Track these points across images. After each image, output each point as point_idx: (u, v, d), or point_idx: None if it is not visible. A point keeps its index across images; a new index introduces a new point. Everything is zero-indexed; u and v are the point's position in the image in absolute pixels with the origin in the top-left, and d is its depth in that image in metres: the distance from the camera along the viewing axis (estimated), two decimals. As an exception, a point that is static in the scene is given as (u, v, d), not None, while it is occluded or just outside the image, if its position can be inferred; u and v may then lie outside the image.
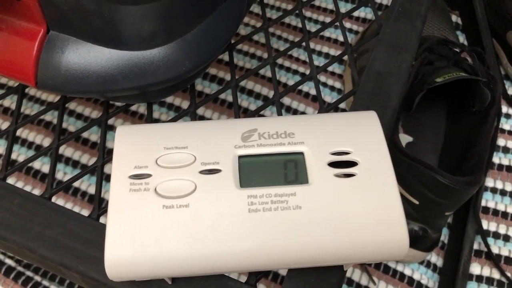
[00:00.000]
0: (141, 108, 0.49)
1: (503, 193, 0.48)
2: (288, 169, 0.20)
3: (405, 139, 0.47)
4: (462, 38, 0.56)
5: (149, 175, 0.20)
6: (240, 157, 0.20)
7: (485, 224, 0.46)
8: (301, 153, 0.20)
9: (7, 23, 0.23)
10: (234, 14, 0.26)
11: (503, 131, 0.52)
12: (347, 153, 0.20)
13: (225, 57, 0.53)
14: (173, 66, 0.24)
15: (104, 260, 0.19)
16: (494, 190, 0.48)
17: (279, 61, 0.53)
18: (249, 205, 0.19)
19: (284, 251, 0.19)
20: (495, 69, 0.52)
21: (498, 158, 0.50)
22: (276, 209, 0.19)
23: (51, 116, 0.48)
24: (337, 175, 0.20)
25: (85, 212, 0.43)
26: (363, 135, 0.21)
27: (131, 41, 0.22)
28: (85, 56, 0.22)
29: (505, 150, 0.51)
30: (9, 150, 0.25)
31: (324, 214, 0.19)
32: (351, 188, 0.20)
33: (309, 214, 0.19)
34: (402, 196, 0.39)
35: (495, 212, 0.47)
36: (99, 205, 0.24)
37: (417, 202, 0.38)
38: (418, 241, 0.40)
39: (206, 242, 0.19)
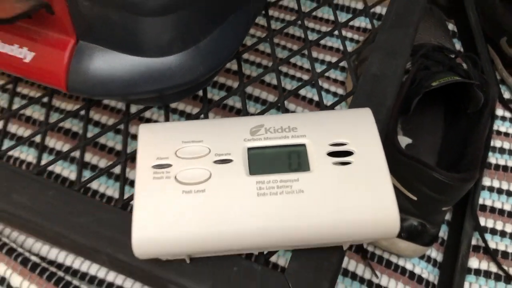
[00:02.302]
0: (155, 115, 0.52)
1: (499, 191, 0.50)
2: (291, 159, 0.23)
3: (405, 141, 0.49)
4: (458, 45, 0.58)
5: (169, 165, 0.22)
6: (249, 148, 0.23)
7: (483, 221, 0.48)
8: (303, 145, 0.23)
9: (41, 35, 0.26)
10: (242, 24, 0.29)
11: (499, 133, 0.54)
12: (344, 144, 0.23)
13: (233, 66, 0.56)
14: (188, 71, 0.26)
15: (130, 242, 0.22)
16: (491, 189, 0.50)
17: (284, 69, 0.56)
18: (257, 190, 0.22)
19: (288, 230, 0.22)
20: (490, 73, 0.55)
21: (495, 159, 0.53)
22: (282, 193, 0.22)
23: (69, 124, 0.51)
24: (335, 163, 0.22)
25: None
26: (359, 128, 0.24)
27: (151, 49, 0.25)
28: (110, 63, 0.25)
29: (502, 151, 0.53)
30: (42, 148, 0.28)
31: (323, 197, 0.22)
32: (348, 174, 0.22)
33: (310, 197, 0.22)
34: (401, 193, 0.41)
35: (492, 210, 0.49)
36: (123, 196, 0.26)
37: (415, 198, 0.41)
38: (417, 235, 0.42)
39: (220, 222, 0.21)
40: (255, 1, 0.30)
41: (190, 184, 0.22)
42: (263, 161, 0.22)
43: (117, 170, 0.48)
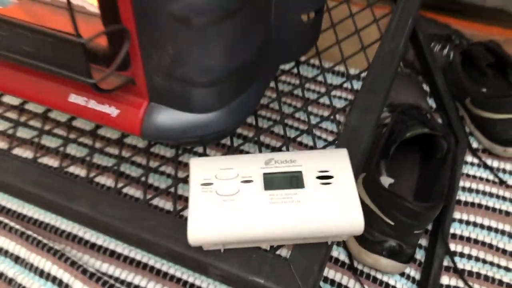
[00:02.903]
0: (185, 158, 0.64)
1: (467, 223, 0.61)
2: (292, 180, 0.34)
3: (388, 181, 0.60)
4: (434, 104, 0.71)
5: (212, 184, 0.34)
6: (264, 173, 0.34)
7: (454, 247, 0.59)
8: (300, 172, 0.35)
9: (124, 97, 0.38)
10: (259, 90, 0.41)
11: (468, 176, 0.66)
12: (327, 171, 0.35)
13: (248, 119, 0.68)
14: (222, 123, 0.39)
15: (183, 239, 0.33)
16: (461, 221, 0.61)
17: (290, 122, 0.68)
18: (270, 200, 0.33)
19: (290, 228, 0.33)
20: (459, 127, 0.67)
21: (464, 197, 0.63)
22: (286, 202, 0.33)
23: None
24: (321, 183, 0.34)
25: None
26: (337, 161, 0.35)
27: (198, 109, 0.38)
28: (171, 117, 0.38)
29: (470, 190, 0.64)
30: (117, 177, 0.40)
31: (313, 205, 0.33)
32: (329, 191, 0.34)
33: (305, 205, 0.33)
34: (382, 219, 0.52)
35: (461, 237, 0.59)
36: (175, 207, 0.38)
37: (393, 223, 0.51)
38: (396, 254, 0.53)
39: (244, 222, 0.33)
40: (268, 75, 0.43)
41: (225, 196, 0.33)
42: (273, 181, 0.34)
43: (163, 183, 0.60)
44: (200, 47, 0.33)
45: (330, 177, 0.34)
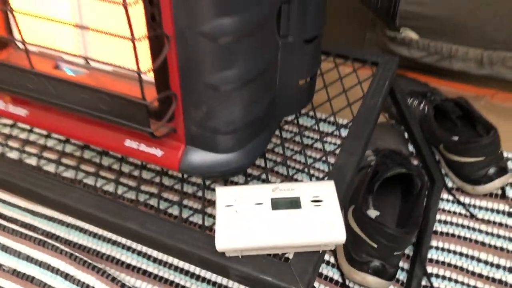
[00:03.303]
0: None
1: (443, 249, 0.72)
2: (292, 203, 0.46)
3: (374, 213, 0.72)
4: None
5: (233, 205, 0.46)
6: (271, 198, 0.47)
7: (431, 269, 0.69)
8: (298, 197, 0.47)
9: (167, 142, 0.51)
10: (268, 136, 0.54)
11: (444, 210, 0.77)
12: (318, 197, 0.47)
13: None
14: (239, 161, 0.51)
15: (211, 247, 0.44)
16: (437, 248, 0.72)
17: (291, 163, 0.81)
18: (276, 218, 0.45)
19: (291, 239, 0.44)
20: (435, 169, 0.79)
21: (441, 228, 0.75)
22: (287, 219, 0.45)
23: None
24: (314, 205, 0.46)
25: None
26: (326, 190, 0.47)
27: (222, 150, 0.50)
28: (202, 157, 0.50)
29: (445, 222, 0.75)
30: (158, 201, 0.52)
31: (308, 222, 0.45)
32: (319, 210, 0.45)
33: (301, 222, 0.45)
34: (367, 242, 0.63)
35: (437, 262, 0.70)
36: (204, 224, 0.50)
37: (376, 246, 0.63)
38: (380, 272, 0.63)
39: (257, 234, 0.44)
40: (274, 124, 0.56)
41: (243, 214, 0.45)
42: (278, 204, 0.46)
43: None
44: (225, 107, 0.46)
45: (320, 201, 0.46)
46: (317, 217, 0.45)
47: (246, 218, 0.45)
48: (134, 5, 0.37)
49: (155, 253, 0.68)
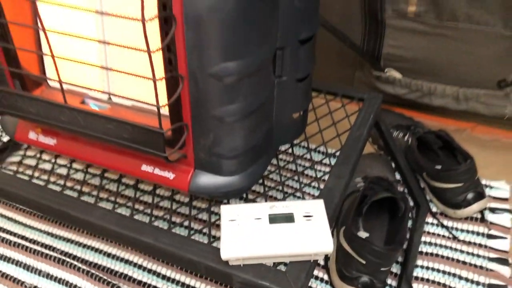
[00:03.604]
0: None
1: (427, 268, 0.78)
2: (287, 218, 0.53)
3: (364, 234, 0.79)
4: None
5: (235, 220, 0.53)
6: (269, 214, 0.54)
7: (416, 286, 0.76)
8: (292, 213, 0.54)
9: (178, 166, 0.59)
10: (266, 162, 0.62)
11: (429, 233, 0.84)
12: (309, 213, 0.54)
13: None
14: (241, 183, 0.59)
15: (217, 257, 0.51)
16: (422, 267, 0.78)
17: (286, 189, 0.88)
18: (273, 231, 0.52)
19: (286, 249, 0.51)
20: (420, 195, 0.86)
21: (425, 249, 0.81)
22: (283, 232, 0.52)
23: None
24: (305, 220, 0.53)
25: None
26: (316, 207, 0.55)
27: (226, 173, 0.58)
28: (208, 179, 0.58)
29: (430, 244, 0.82)
30: (170, 218, 0.59)
31: (300, 233, 0.52)
32: (310, 224, 0.53)
33: (295, 234, 0.52)
34: (357, 259, 0.70)
35: (422, 279, 0.77)
36: (210, 239, 0.57)
37: (364, 262, 0.69)
38: (369, 287, 0.70)
39: (256, 245, 0.51)
40: (272, 152, 0.63)
41: (244, 228, 0.53)
42: (275, 219, 0.53)
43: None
44: (229, 135, 0.54)
45: (311, 216, 0.54)
46: (308, 230, 0.53)
47: (247, 231, 0.53)
48: (156, 51, 0.46)
49: (164, 271, 0.75)
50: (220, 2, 0.46)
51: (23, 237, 0.80)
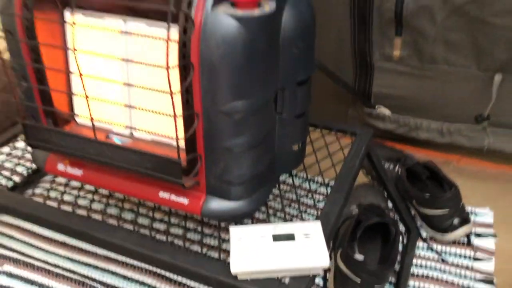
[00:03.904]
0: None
1: (418, 288, 0.85)
2: (289, 236, 0.61)
3: (360, 257, 0.85)
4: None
5: (243, 238, 0.61)
6: (273, 234, 0.61)
7: (408, 305, 0.82)
8: (293, 233, 0.61)
9: (191, 192, 0.66)
10: (269, 189, 0.70)
11: (420, 256, 0.91)
12: (308, 232, 0.61)
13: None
14: (247, 207, 0.66)
15: (227, 271, 0.58)
16: (413, 287, 0.85)
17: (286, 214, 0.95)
18: (276, 248, 0.59)
19: (288, 264, 0.59)
20: (410, 221, 0.94)
21: (416, 271, 0.88)
22: (285, 249, 0.59)
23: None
24: (304, 238, 0.61)
25: None
26: (314, 227, 0.62)
27: (234, 198, 0.65)
28: (218, 203, 0.65)
29: (420, 266, 0.89)
30: (184, 239, 0.67)
31: (300, 249, 0.59)
32: (308, 241, 0.60)
33: (295, 250, 0.59)
34: (351, 279, 0.77)
35: (413, 298, 0.83)
36: (220, 256, 0.64)
37: (359, 281, 0.76)
38: (364, 304, 0.76)
39: (262, 261, 0.59)
40: (274, 181, 0.71)
41: (251, 246, 0.60)
42: (278, 237, 0.61)
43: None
44: (237, 164, 0.62)
45: (309, 235, 0.61)
46: (307, 247, 0.60)
47: (254, 248, 0.60)
48: (176, 93, 0.54)
49: (175, 292, 0.81)
50: (230, 52, 0.55)
51: (45, 262, 0.87)
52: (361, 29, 0.93)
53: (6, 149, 0.93)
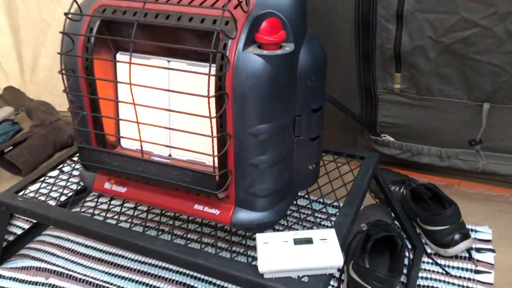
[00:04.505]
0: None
1: (424, 297, 0.93)
2: (308, 240, 0.71)
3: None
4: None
5: (268, 243, 0.71)
6: (294, 238, 0.71)
7: (415, 312, 0.90)
8: (311, 237, 0.71)
9: (222, 204, 0.77)
10: (290, 201, 0.80)
11: (425, 270, 0.99)
12: (324, 237, 0.71)
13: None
14: (270, 218, 0.76)
15: (255, 271, 0.68)
16: (419, 297, 0.93)
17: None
18: (297, 250, 0.69)
19: (307, 265, 0.68)
20: (415, 237, 1.03)
21: (422, 282, 0.96)
22: (304, 251, 0.69)
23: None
24: (321, 242, 0.70)
25: None
26: (329, 234, 0.72)
27: (259, 209, 0.76)
28: (245, 214, 0.75)
29: (426, 278, 0.97)
30: (216, 245, 0.76)
31: (318, 251, 0.69)
32: (325, 244, 0.70)
33: (314, 252, 0.69)
34: (363, 286, 0.85)
35: (420, 306, 0.91)
36: (247, 259, 0.73)
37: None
38: (374, 310, 0.84)
39: (285, 261, 0.68)
40: (292, 196, 0.82)
41: (275, 249, 0.70)
42: (299, 241, 0.71)
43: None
44: (262, 179, 0.73)
45: (326, 239, 0.71)
46: (324, 249, 0.70)
47: (278, 251, 0.70)
48: (213, 118, 0.66)
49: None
50: (257, 84, 0.67)
51: (85, 275, 0.97)
52: (366, 66, 1.05)
53: (55, 172, 1.04)
